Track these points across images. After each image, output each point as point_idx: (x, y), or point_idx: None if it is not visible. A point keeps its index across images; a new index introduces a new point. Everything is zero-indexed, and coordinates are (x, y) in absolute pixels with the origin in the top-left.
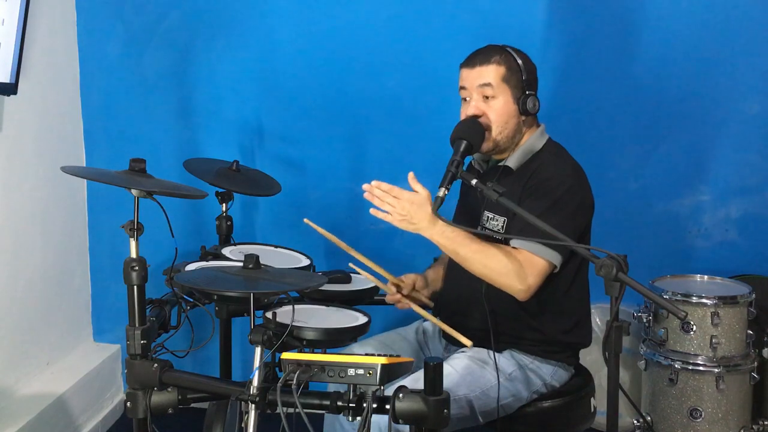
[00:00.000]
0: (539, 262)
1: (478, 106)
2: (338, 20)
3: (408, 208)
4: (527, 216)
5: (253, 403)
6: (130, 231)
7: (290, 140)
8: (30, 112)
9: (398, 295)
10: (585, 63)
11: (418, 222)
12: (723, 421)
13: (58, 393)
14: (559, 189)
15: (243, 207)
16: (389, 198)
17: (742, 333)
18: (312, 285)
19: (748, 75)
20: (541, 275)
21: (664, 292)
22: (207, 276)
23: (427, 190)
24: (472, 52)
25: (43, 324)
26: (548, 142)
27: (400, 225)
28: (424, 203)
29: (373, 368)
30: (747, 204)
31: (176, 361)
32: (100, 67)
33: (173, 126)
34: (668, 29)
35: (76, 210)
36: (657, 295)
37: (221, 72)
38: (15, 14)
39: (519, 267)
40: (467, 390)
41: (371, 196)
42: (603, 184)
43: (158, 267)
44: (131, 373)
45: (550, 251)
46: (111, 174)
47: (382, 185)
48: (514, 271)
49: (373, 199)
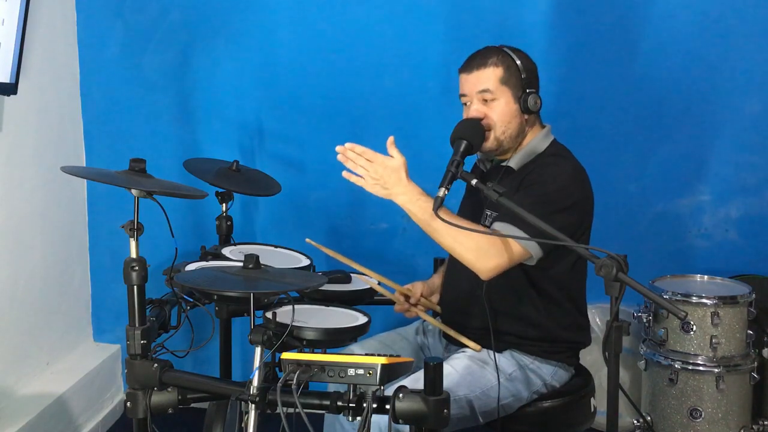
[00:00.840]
0: (513, 246)
1: (479, 109)
2: (338, 20)
3: (381, 172)
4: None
5: (253, 403)
6: (130, 231)
7: (290, 140)
8: (30, 112)
9: (407, 304)
10: (585, 63)
11: (392, 187)
12: (723, 421)
13: (58, 393)
14: (550, 186)
15: (243, 207)
16: (362, 161)
17: (742, 333)
18: (312, 285)
19: (748, 75)
20: (510, 258)
21: (664, 292)
22: (207, 276)
23: (403, 157)
24: (470, 56)
25: (43, 324)
26: (552, 143)
27: (373, 189)
28: (399, 168)
29: (373, 368)
30: (747, 204)
31: (176, 361)
32: (100, 67)
33: (173, 126)
34: (668, 29)
35: (76, 210)
36: (657, 295)
37: (221, 72)
38: (15, 14)
39: (489, 246)
40: (467, 390)
41: (344, 158)
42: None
43: (158, 267)
44: (131, 373)
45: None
46: (111, 174)
47: (356, 147)
48: (483, 249)
49: (347, 162)
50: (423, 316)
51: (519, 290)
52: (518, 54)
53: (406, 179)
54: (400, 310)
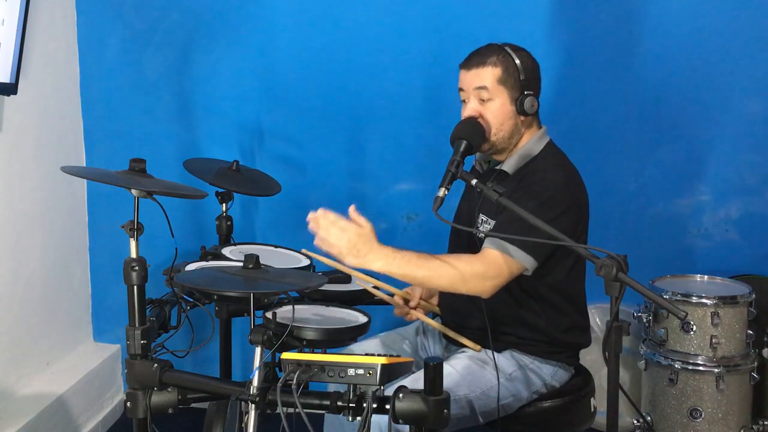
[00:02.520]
0: (508, 262)
1: (474, 108)
2: (338, 20)
3: (355, 240)
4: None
5: (253, 403)
6: (130, 231)
7: (290, 140)
8: (30, 112)
9: (406, 308)
10: (585, 63)
11: (365, 255)
12: (723, 421)
13: (58, 393)
14: (544, 193)
15: (243, 207)
16: (334, 229)
17: (742, 333)
18: (312, 285)
19: (748, 75)
20: (504, 276)
21: (664, 292)
22: (207, 276)
23: (370, 223)
24: (471, 53)
25: (43, 324)
26: (547, 145)
27: (347, 257)
28: (371, 235)
29: (373, 368)
30: (747, 204)
31: (176, 361)
32: (100, 67)
33: (173, 126)
34: (669, 29)
35: (76, 210)
36: (657, 295)
37: (221, 72)
38: (15, 14)
39: (482, 269)
40: (467, 390)
41: (316, 225)
42: (603, 184)
43: (158, 267)
44: (131, 373)
45: (523, 254)
46: (111, 174)
47: (329, 215)
48: (477, 275)
49: (319, 230)
50: (423, 318)
51: (517, 296)
52: (519, 54)
53: (378, 245)
54: (399, 314)
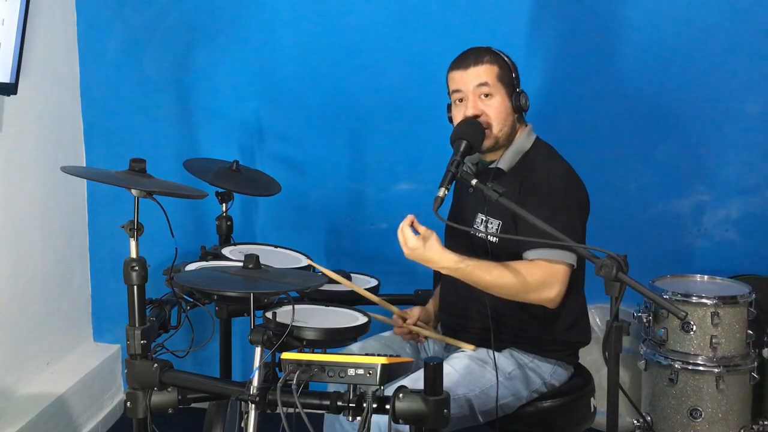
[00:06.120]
0: (559, 269)
1: (476, 105)
2: (338, 20)
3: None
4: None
5: (253, 403)
6: (130, 231)
7: (290, 140)
8: (30, 112)
9: (406, 326)
10: (585, 63)
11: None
12: (723, 421)
13: (58, 393)
14: (560, 189)
15: (243, 207)
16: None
17: (742, 333)
18: (312, 285)
19: (748, 75)
20: (564, 281)
21: (664, 292)
22: (207, 276)
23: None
24: (460, 55)
25: (43, 324)
26: (536, 141)
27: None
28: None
29: (373, 368)
30: (747, 204)
31: (176, 361)
32: (100, 67)
33: (173, 126)
34: (669, 29)
35: (76, 210)
36: (657, 295)
37: (221, 72)
38: (15, 14)
39: (542, 278)
40: (467, 389)
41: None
42: (603, 184)
43: (158, 267)
44: (131, 373)
45: (565, 253)
46: (111, 174)
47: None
48: (539, 284)
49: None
50: (420, 332)
51: None
52: (505, 54)
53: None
54: (399, 332)
